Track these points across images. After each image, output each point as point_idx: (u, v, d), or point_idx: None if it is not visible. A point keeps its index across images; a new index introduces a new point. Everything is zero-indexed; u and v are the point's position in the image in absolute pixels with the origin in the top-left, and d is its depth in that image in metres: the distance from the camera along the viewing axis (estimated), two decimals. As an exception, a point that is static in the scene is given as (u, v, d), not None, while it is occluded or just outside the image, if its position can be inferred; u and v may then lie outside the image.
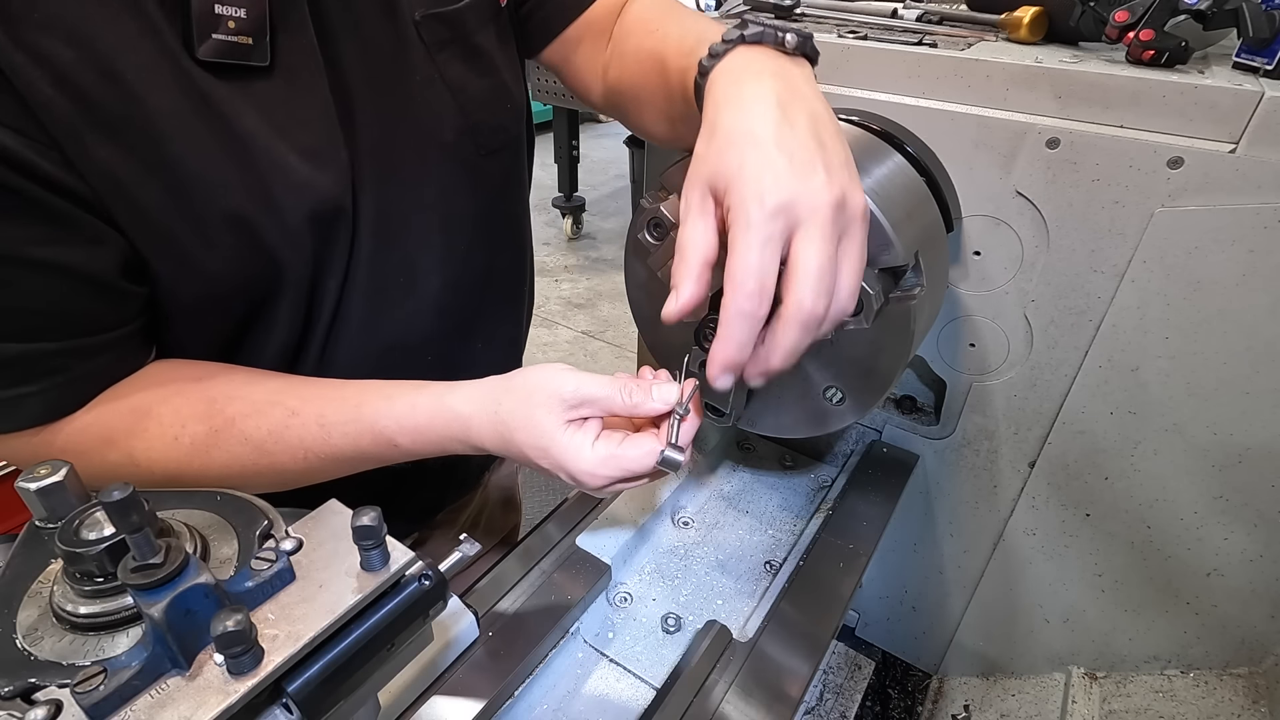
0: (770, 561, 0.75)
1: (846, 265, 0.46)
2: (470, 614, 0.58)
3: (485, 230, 0.74)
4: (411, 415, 0.56)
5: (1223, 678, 0.80)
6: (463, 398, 0.56)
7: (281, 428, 0.55)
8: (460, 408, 0.55)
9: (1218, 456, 0.70)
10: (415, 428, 0.56)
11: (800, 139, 0.46)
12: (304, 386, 0.58)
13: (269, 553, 0.34)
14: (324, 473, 0.58)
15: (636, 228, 0.64)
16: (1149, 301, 0.66)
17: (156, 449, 0.53)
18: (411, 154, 0.63)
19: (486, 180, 0.71)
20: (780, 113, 0.47)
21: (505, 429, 0.54)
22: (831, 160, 0.46)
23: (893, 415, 0.88)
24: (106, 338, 0.52)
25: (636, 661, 0.63)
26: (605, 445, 0.54)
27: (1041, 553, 0.85)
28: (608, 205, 4.61)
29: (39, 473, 0.34)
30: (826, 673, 0.98)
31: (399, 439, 0.56)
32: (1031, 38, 0.75)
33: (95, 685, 0.28)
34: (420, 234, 0.66)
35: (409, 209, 0.65)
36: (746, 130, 0.46)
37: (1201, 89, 0.59)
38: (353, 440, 0.56)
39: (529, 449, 0.54)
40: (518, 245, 0.82)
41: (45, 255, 0.46)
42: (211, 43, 0.48)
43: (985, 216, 0.71)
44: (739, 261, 0.43)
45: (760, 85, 0.48)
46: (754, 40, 0.52)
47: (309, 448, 0.56)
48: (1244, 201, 0.59)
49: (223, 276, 0.55)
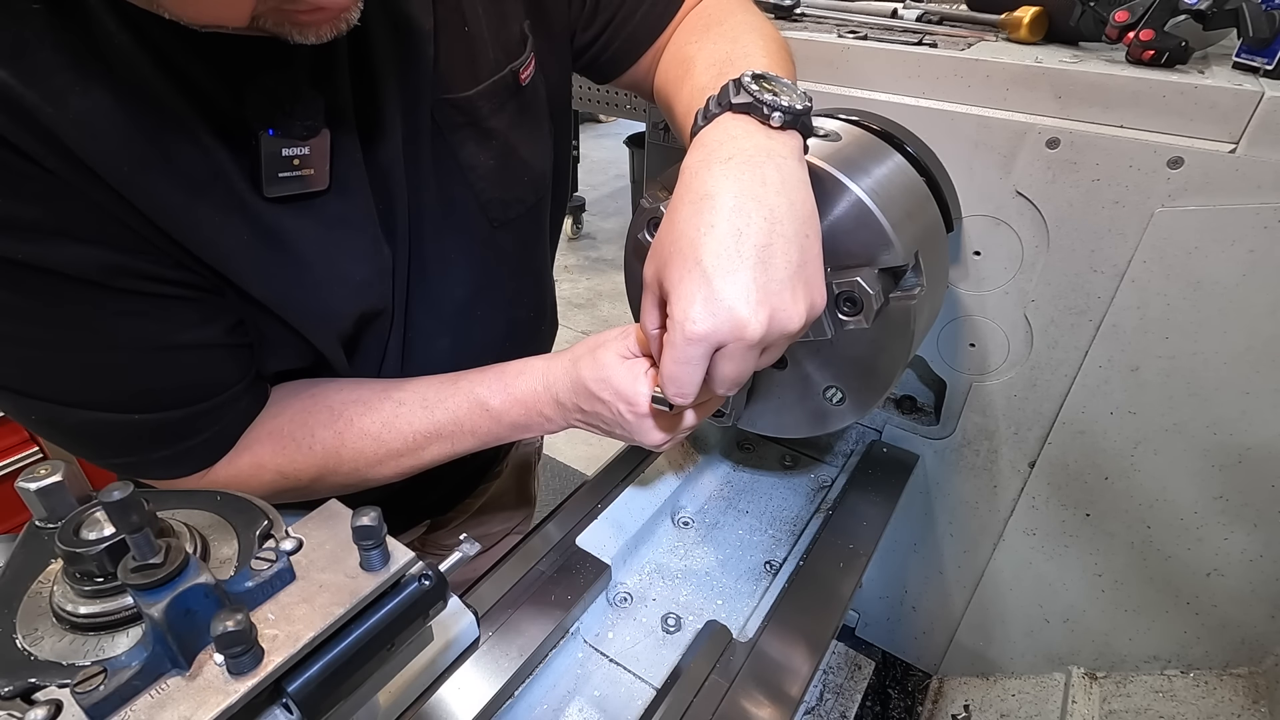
0: (770, 561, 0.75)
1: (764, 362, 0.53)
2: (470, 614, 0.58)
3: (499, 293, 0.75)
4: (500, 375, 0.64)
5: (1223, 678, 0.80)
6: (541, 356, 0.65)
7: (392, 416, 0.63)
8: (538, 361, 0.64)
9: (1218, 456, 0.70)
10: (504, 386, 0.63)
11: (741, 257, 0.47)
12: (406, 381, 0.65)
13: (269, 553, 0.34)
14: (431, 456, 0.65)
15: (636, 228, 0.64)
16: (1149, 301, 0.66)
17: (299, 462, 0.61)
18: (430, 231, 0.65)
19: (498, 249, 0.72)
20: (729, 221, 0.48)
21: (574, 368, 0.60)
22: (770, 281, 0.47)
23: (893, 415, 0.88)
24: (239, 388, 0.59)
25: (636, 661, 0.63)
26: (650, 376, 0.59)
27: (1041, 553, 0.85)
28: (608, 205, 4.61)
29: (39, 473, 0.34)
30: (826, 673, 0.98)
31: (491, 399, 0.63)
32: (1031, 38, 0.75)
33: (95, 685, 0.28)
34: (432, 303, 0.68)
35: (427, 285, 0.67)
36: (691, 241, 0.48)
37: (1201, 89, 0.59)
38: (452, 412, 0.63)
39: (592, 382, 0.59)
40: (536, 295, 0.83)
41: (189, 339, 0.54)
42: (279, 182, 0.52)
43: (985, 216, 0.71)
44: (664, 369, 0.51)
45: (721, 179, 0.49)
46: (741, 110, 0.52)
47: (417, 429, 0.63)
48: (1244, 201, 0.59)
49: (273, 359, 0.62)
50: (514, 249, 0.74)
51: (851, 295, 0.55)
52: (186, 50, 0.47)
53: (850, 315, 0.56)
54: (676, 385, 0.51)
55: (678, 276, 0.48)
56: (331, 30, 0.49)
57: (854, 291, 0.54)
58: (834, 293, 0.55)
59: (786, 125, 0.52)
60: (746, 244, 0.47)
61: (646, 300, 0.55)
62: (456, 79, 0.62)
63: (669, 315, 0.49)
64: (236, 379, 0.59)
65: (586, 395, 0.60)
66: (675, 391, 0.51)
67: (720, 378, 0.51)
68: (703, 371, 0.50)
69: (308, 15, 0.46)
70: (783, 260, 0.47)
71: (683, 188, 0.51)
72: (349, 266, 0.59)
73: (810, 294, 0.49)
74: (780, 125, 0.52)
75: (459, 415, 0.63)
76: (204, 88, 0.48)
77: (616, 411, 0.59)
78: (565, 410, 0.62)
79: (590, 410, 0.60)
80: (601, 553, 0.68)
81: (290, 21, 0.45)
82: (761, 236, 0.47)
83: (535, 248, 0.79)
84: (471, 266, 0.70)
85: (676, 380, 0.50)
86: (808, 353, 0.64)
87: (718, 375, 0.51)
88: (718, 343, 0.48)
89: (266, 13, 0.43)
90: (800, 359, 0.65)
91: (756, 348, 0.48)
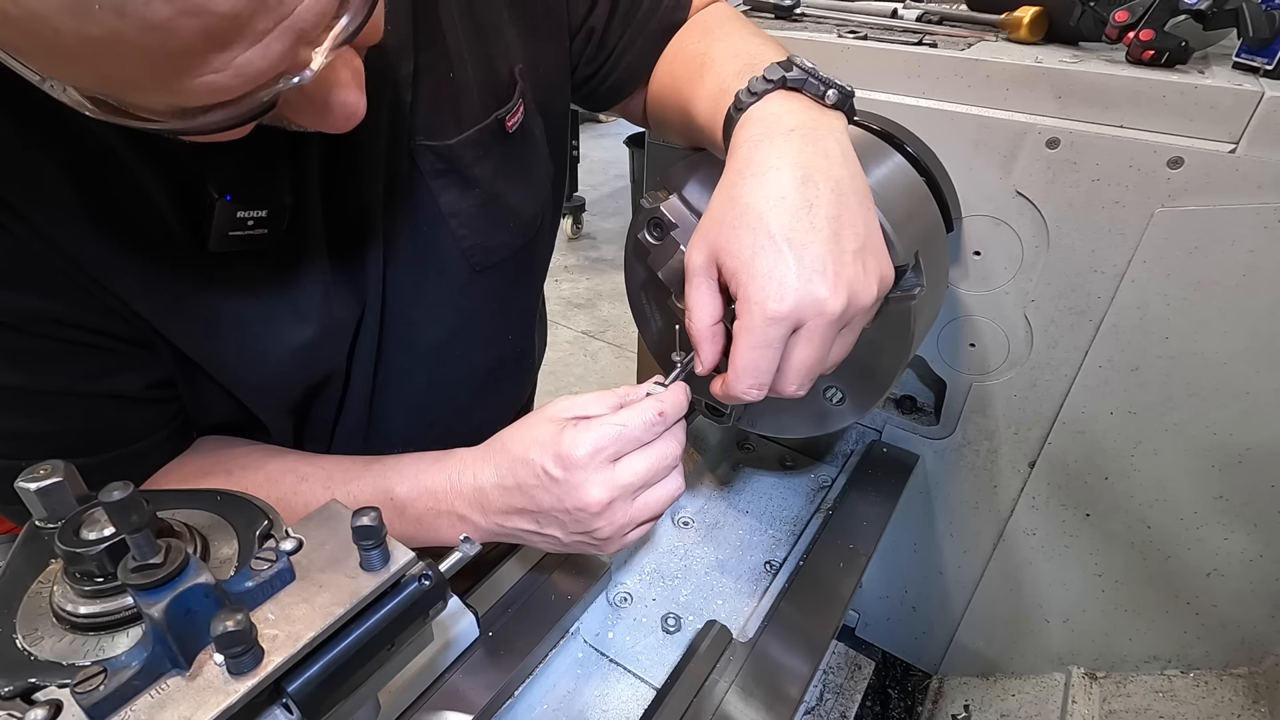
0: (770, 561, 0.75)
1: (836, 351, 0.49)
2: (470, 614, 0.58)
3: (479, 333, 0.73)
4: (417, 462, 0.57)
5: (1223, 678, 0.80)
6: (464, 449, 0.57)
7: (290, 493, 0.57)
8: (460, 452, 0.56)
9: (1218, 456, 0.70)
10: (416, 473, 0.56)
11: (815, 229, 0.45)
12: (320, 458, 0.61)
13: (269, 553, 0.34)
14: None
15: (636, 228, 0.64)
16: (1149, 301, 0.66)
17: None
18: (407, 275, 0.63)
19: (481, 292, 0.70)
20: (799, 192, 0.46)
21: (502, 449, 0.54)
22: (844, 254, 0.46)
23: (893, 415, 0.88)
24: (150, 441, 0.56)
25: (636, 661, 0.63)
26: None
27: (1041, 553, 0.85)
28: (608, 205, 4.61)
29: (39, 473, 0.33)
30: (826, 673, 0.98)
31: (398, 487, 0.56)
32: (1031, 38, 0.75)
33: (95, 685, 0.28)
34: (408, 344, 0.66)
35: (403, 328, 0.65)
36: (760, 213, 0.46)
37: (1201, 89, 0.59)
38: (353, 496, 0.57)
39: (516, 443, 0.53)
40: (521, 331, 0.80)
41: (100, 388, 0.51)
42: (227, 240, 0.49)
43: (985, 216, 0.71)
44: (739, 358, 0.46)
45: (786, 151, 0.48)
46: (795, 86, 0.51)
47: (311, 508, 0.56)
48: (1244, 201, 0.59)
49: (211, 413, 0.60)
50: (498, 291, 0.72)
51: (851, 295, 0.55)
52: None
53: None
54: (754, 375, 0.46)
55: (749, 254, 0.45)
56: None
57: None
58: None
59: (837, 105, 0.52)
60: (819, 216, 0.45)
61: (700, 288, 0.49)
62: (439, 126, 0.60)
63: (741, 296, 0.46)
64: (149, 432, 0.56)
65: (510, 466, 0.53)
66: (753, 383, 0.47)
67: (796, 365, 0.47)
68: (777, 358, 0.46)
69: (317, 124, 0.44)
70: (851, 233, 0.46)
71: (740, 162, 0.49)
72: (290, 328, 0.56)
73: (880, 266, 0.48)
74: (833, 104, 0.51)
75: (359, 500, 0.56)
76: (160, 142, 0.45)
77: (542, 472, 0.51)
78: (486, 505, 0.54)
79: (519, 487, 0.52)
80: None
81: (294, 118, 0.43)
82: (831, 208, 0.46)
83: (523, 287, 0.77)
84: (451, 309, 0.68)
85: (755, 369, 0.46)
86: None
87: (794, 362, 0.47)
88: (799, 320, 0.45)
89: (272, 116, 0.41)
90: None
91: (836, 325, 0.46)
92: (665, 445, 0.53)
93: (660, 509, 0.54)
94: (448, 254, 0.64)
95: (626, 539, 0.54)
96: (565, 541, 0.54)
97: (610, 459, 0.51)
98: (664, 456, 0.52)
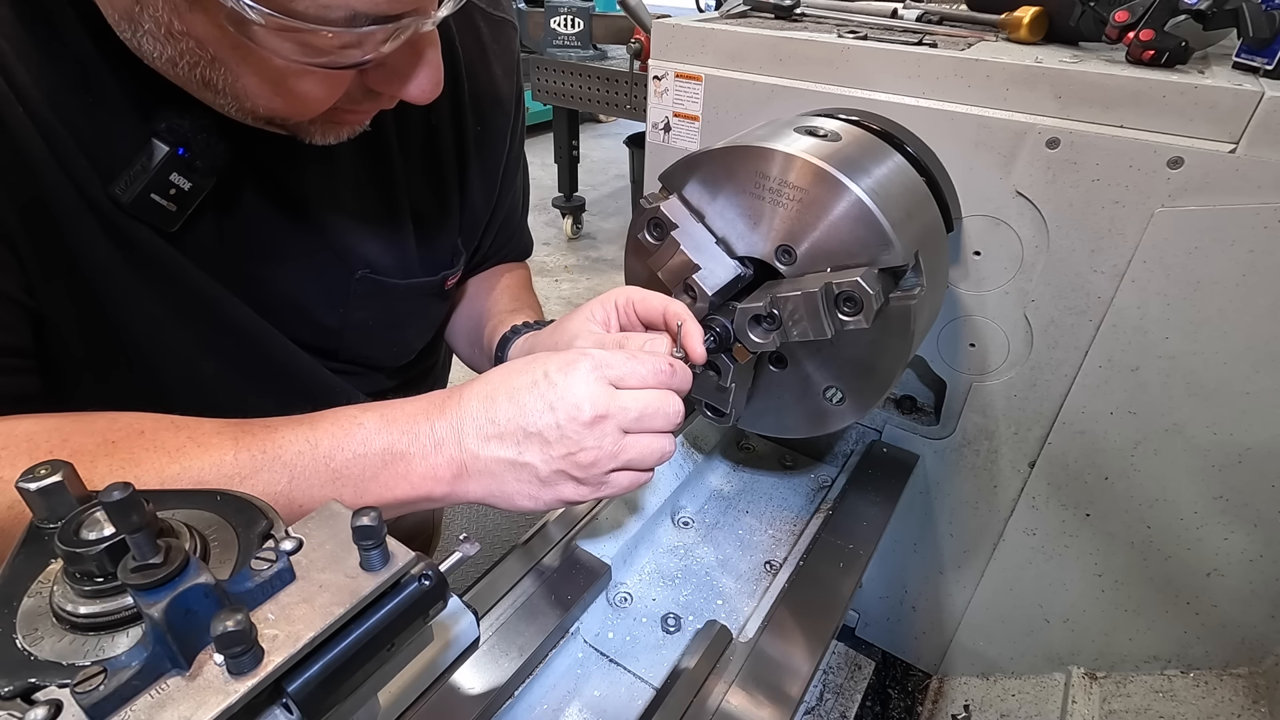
0: (770, 561, 0.75)
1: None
2: (470, 614, 0.57)
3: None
4: (382, 404, 0.54)
5: (1223, 678, 0.80)
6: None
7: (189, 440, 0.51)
8: (418, 397, 0.54)
9: (1218, 456, 0.70)
10: (383, 409, 0.53)
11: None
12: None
13: (269, 553, 0.34)
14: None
15: (636, 228, 0.64)
16: (1149, 301, 0.66)
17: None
18: (272, 337, 0.65)
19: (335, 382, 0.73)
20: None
21: (505, 366, 0.55)
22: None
23: (893, 415, 0.88)
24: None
25: (636, 661, 0.63)
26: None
27: (1041, 553, 0.85)
28: (608, 205, 4.61)
29: (39, 473, 0.34)
30: (826, 673, 0.98)
31: (363, 415, 0.52)
32: (1031, 38, 0.75)
33: (95, 685, 0.28)
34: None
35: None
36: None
37: (1201, 89, 0.59)
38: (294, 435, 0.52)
39: (529, 368, 0.52)
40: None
41: None
42: (138, 198, 0.51)
43: (985, 216, 0.71)
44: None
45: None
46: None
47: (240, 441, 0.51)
48: (1244, 201, 0.59)
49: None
50: (358, 382, 0.76)
51: (851, 295, 0.55)
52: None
53: (850, 315, 0.56)
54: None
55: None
56: (349, 133, 0.54)
57: (854, 291, 0.54)
58: (834, 293, 0.55)
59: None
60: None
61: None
62: (390, 265, 0.68)
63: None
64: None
65: (504, 376, 0.52)
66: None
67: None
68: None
69: (352, 116, 0.52)
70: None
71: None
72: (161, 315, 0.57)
73: None
74: None
75: (311, 440, 0.52)
76: (141, 78, 0.48)
77: (542, 377, 0.51)
78: (463, 429, 0.50)
79: (510, 393, 0.51)
80: (602, 553, 0.68)
81: (320, 121, 0.51)
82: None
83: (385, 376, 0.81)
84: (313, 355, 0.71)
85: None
86: (808, 353, 0.64)
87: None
88: None
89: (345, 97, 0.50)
90: (800, 359, 0.65)
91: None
92: (666, 397, 0.53)
93: (649, 460, 0.53)
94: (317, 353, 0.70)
95: (607, 482, 0.52)
96: (542, 474, 0.51)
97: (612, 381, 0.51)
98: (663, 404, 0.53)
